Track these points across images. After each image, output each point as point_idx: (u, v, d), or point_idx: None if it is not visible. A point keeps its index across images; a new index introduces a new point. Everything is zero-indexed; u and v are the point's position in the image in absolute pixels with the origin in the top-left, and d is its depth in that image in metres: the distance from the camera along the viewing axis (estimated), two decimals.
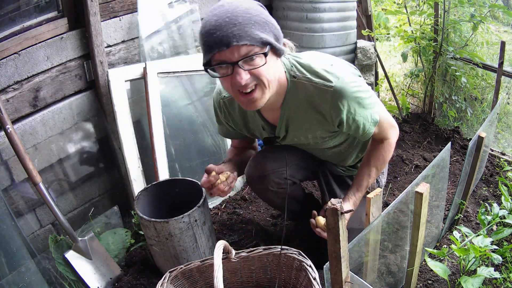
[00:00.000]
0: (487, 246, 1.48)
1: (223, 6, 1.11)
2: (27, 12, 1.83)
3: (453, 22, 2.80)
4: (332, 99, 1.26)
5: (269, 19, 1.14)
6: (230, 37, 1.06)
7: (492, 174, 2.43)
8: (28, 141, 1.85)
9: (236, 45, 1.07)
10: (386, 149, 1.47)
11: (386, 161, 1.49)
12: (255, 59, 1.12)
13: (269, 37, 1.12)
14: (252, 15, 1.09)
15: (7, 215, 1.63)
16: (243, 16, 1.07)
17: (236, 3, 1.11)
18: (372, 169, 1.46)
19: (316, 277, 1.30)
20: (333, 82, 1.24)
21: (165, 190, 1.80)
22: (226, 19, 1.07)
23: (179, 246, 1.61)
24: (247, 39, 1.07)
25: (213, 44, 1.08)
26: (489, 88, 3.02)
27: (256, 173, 1.58)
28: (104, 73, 2.04)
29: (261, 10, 1.14)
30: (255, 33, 1.08)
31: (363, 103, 1.30)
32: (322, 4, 2.58)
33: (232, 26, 1.06)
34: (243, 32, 1.07)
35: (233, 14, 1.07)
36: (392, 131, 1.47)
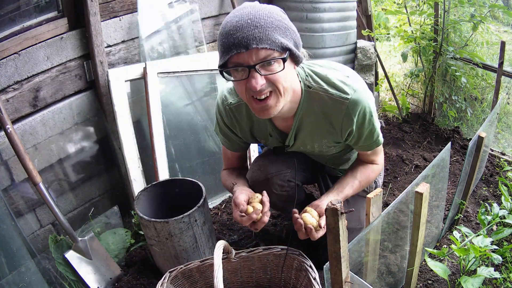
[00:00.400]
0: (487, 246, 1.48)
1: (245, 8, 1.10)
2: (27, 12, 1.83)
3: (453, 22, 2.80)
4: (347, 110, 1.27)
5: (290, 25, 1.13)
6: (251, 39, 1.04)
7: (492, 174, 2.43)
8: (28, 141, 1.85)
9: (256, 47, 1.05)
10: (375, 171, 1.50)
11: (370, 182, 1.50)
12: (273, 64, 1.10)
13: (289, 43, 1.10)
14: (274, 19, 1.08)
15: (7, 215, 1.63)
16: (265, 19, 1.06)
17: (259, 6, 1.10)
18: (356, 182, 1.45)
19: (316, 277, 1.30)
20: (349, 94, 1.26)
21: (165, 190, 1.81)
22: (248, 20, 1.05)
23: (179, 246, 1.61)
24: (268, 42, 1.05)
25: (232, 45, 1.06)
26: (489, 88, 3.01)
27: (259, 176, 1.57)
28: (104, 73, 2.04)
29: (283, 15, 1.13)
30: (275, 37, 1.06)
31: (373, 119, 1.33)
32: (322, 4, 2.58)
33: (253, 28, 1.04)
34: (264, 35, 1.05)
35: (255, 16, 1.05)
36: (381, 158, 1.52)
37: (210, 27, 2.59)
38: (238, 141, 1.57)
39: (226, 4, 2.64)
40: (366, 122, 1.31)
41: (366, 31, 2.99)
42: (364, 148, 1.43)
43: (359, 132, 1.34)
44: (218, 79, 2.42)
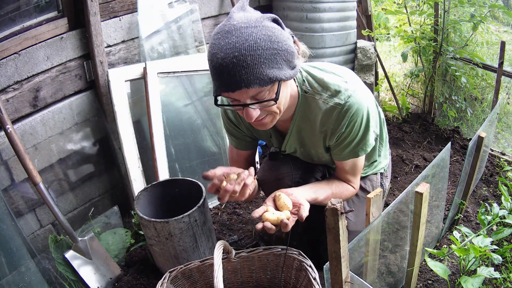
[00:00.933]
0: (487, 246, 1.48)
1: (230, 36, 1.03)
2: (27, 12, 1.83)
3: (453, 22, 2.80)
4: (338, 116, 1.25)
5: (279, 44, 1.05)
6: (238, 82, 1.02)
7: (492, 174, 2.43)
8: (28, 141, 1.85)
9: (245, 88, 1.04)
10: (349, 191, 1.45)
11: (341, 197, 1.43)
12: (265, 97, 1.09)
13: (281, 70, 1.07)
14: (262, 49, 1.02)
15: (7, 215, 1.63)
16: (252, 55, 1.01)
17: (245, 32, 1.02)
18: (330, 192, 1.40)
19: (316, 277, 1.30)
20: (343, 100, 1.24)
21: (165, 190, 1.81)
22: (234, 59, 1.01)
23: (179, 246, 1.61)
24: (256, 82, 1.03)
25: (221, 85, 1.05)
26: (489, 88, 3.02)
27: (270, 176, 1.56)
28: (104, 73, 2.04)
29: (270, 35, 1.04)
30: (264, 74, 1.03)
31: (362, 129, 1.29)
32: (322, 4, 2.58)
33: (240, 69, 1.01)
34: (252, 75, 1.02)
35: (241, 54, 1.00)
36: (357, 182, 1.47)
37: (210, 27, 2.59)
38: (245, 137, 1.54)
39: (226, 4, 2.64)
40: (355, 130, 1.28)
41: (366, 31, 2.99)
42: (340, 157, 1.37)
43: (345, 138, 1.31)
44: None
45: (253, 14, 1.09)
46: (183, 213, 1.56)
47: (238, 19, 1.06)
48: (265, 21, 1.07)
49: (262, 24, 1.05)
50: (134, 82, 2.15)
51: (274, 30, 1.06)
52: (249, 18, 1.06)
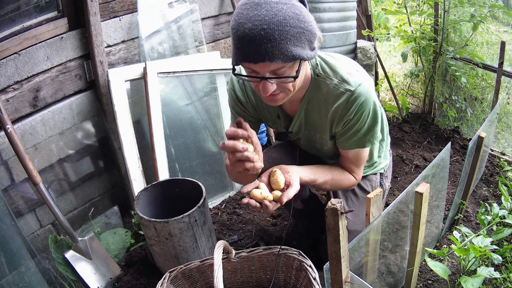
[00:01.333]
0: (487, 246, 1.48)
1: (260, 9, 1.03)
2: (27, 12, 1.83)
3: (453, 22, 2.80)
4: (347, 102, 1.26)
5: (305, 24, 1.07)
6: (263, 54, 1.03)
7: (492, 174, 2.43)
8: (28, 141, 1.85)
9: (268, 62, 1.05)
10: (349, 181, 1.45)
11: (340, 187, 1.46)
12: (285, 73, 1.10)
13: (303, 50, 1.08)
14: (290, 26, 1.03)
15: (7, 215, 1.62)
16: (280, 30, 1.02)
17: (275, 7, 1.03)
18: (329, 177, 1.40)
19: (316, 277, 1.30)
20: (353, 87, 1.25)
21: (165, 190, 1.81)
22: (262, 32, 1.01)
23: (179, 246, 1.61)
24: (280, 57, 1.04)
25: (244, 55, 1.06)
26: (489, 88, 3.02)
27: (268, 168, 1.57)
28: (104, 73, 2.04)
29: (298, 14, 1.06)
30: (289, 50, 1.04)
31: (368, 119, 1.29)
32: (322, 4, 2.58)
33: (266, 42, 1.02)
34: (277, 49, 1.03)
35: (269, 27, 1.01)
36: (360, 173, 1.46)
37: (210, 27, 2.60)
38: (248, 117, 1.53)
39: (226, 4, 2.64)
40: (362, 119, 1.28)
41: (366, 31, 2.99)
42: (346, 145, 1.37)
43: (351, 126, 1.31)
44: (218, 79, 2.42)
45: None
46: (183, 213, 1.56)
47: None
48: (295, 1, 1.08)
49: (292, 2, 1.06)
50: (134, 82, 2.15)
51: (302, 10, 1.07)
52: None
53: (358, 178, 1.47)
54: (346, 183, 1.45)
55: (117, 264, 1.86)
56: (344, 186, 1.46)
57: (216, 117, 2.44)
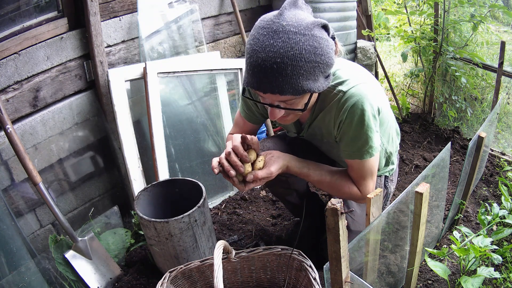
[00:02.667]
0: (487, 246, 1.48)
1: (277, 38, 1.00)
2: (27, 12, 1.83)
3: (453, 22, 2.80)
4: (339, 103, 1.24)
5: (322, 57, 1.04)
6: (273, 87, 1.03)
7: (492, 174, 2.43)
8: (28, 141, 1.85)
9: (278, 95, 1.05)
10: (351, 193, 1.37)
11: (337, 195, 1.40)
12: (293, 104, 1.11)
13: (315, 82, 1.06)
14: (305, 61, 1.01)
15: (7, 215, 1.62)
16: (293, 65, 1.00)
17: (292, 39, 1.00)
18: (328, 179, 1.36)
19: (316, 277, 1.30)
20: (345, 88, 1.22)
21: (165, 190, 1.81)
22: (274, 65, 1.00)
23: (179, 246, 1.61)
24: (290, 91, 1.04)
25: (255, 83, 1.06)
26: (489, 88, 3.02)
27: None
28: (104, 73, 2.04)
29: (316, 47, 1.02)
30: (299, 85, 1.04)
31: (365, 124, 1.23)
32: (322, 4, 2.58)
33: (278, 76, 1.01)
34: (287, 84, 1.03)
35: (283, 61, 0.99)
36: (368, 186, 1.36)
37: (210, 27, 2.60)
38: (257, 112, 1.53)
39: (226, 4, 2.64)
40: (354, 122, 1.23)
41: (366, 31, 2.99)
42: (346, 154, 1.33)
43: (344, 130, 1.27)
44: (218, 79, 2.42)
45: (305, 17, 1.05)
46: (183, 213, 1.56)
47: (288, 19, 1.02)
48: (315, 29, 1.03)
49: (312, 33, 1.02)
50: (134, 82, 2.15)
51: (321, 42, 1.04)
52: (300, 21, 1.02)
53: (362, 191, 1.36)
54: (346, 190, 1.37)
55: (117, 264, 1.86)
56: (343, 194, 1.39)
57: (216, 117, 2.44)
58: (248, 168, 1.20)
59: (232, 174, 1.19)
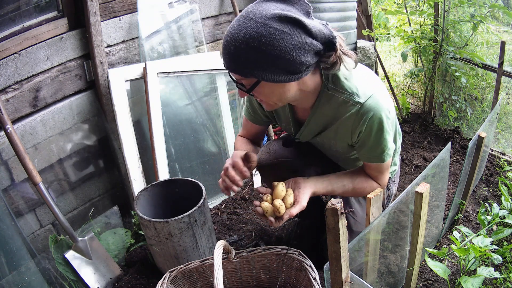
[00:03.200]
0: (487, 246, 1.48)
1: (237, 21, 1.10)
2: (27, 12, 1.83)
3: (453, 22, 2.80)
4: (357, 115, 1.25)
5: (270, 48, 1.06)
6: (229, 65, 1.14)
7: (492, 174, 2.43)
8: (28, 141, 1.85)
9: (231, 71, 1.15)
10: (372, 188, 1.40)
11: (363, 194, 1.42)
12: (245, 85, 1.17)
13: (264, 72, 1.10)
14: (247, 46, 1.06)
15: (7, 215, 1.63)
16: (236, 46, 1.07)
17: (244, 23, 1.07)
18: (350, 186, 1.39)
19: (316, 277, 1.30)
20: (363, 99, 1.23)
21: (165, 190, 1.81)
22: (225, 43, 1.11)
23: (179, 246, 1.61)
24: (236, 70, 1.13)
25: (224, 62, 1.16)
26: (489, 88, 3.02)
27: (267, 159, 1.57)
28: (104, 73, 2.04)
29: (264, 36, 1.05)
30: (242, 66, 1.10)
31: (383, 132, 1.27)
32: (322, 4, 2.58)
33: (226, 53, 1.11)
34: (233, 62, 1.11)
35: (230, 41, 1.08)
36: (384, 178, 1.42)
37: (210, 27, 2.59)
38: (262, 115, 1.55)
39: (226, 4, 2.64)
40: (374, 132, 1.26)
41: (366, 31, 2.99)
42: (365, 158, 1.37)
43: (364, 139, 1.30)
44: (218, 79, 2.42)
45: (276, 9, 1.08)
46: (183, 213, 1.56)
47: (258, 7, 1.09)
48: (275, 20, 1.05)
49: (266, 23, 1.05)
50: (134, 82, 2.15)
51: (274, 32, 1.05)
52: (264, 11, 1.07)
53: (382, 183, 1.42)
54: (368, 190, 1.38)
55: (117, 264, 1.86)
56: (366, 193, 1.39)
57: (216, 117, 2.44)
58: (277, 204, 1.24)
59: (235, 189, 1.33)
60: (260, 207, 1.25)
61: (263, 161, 1.59)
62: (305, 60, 1.10)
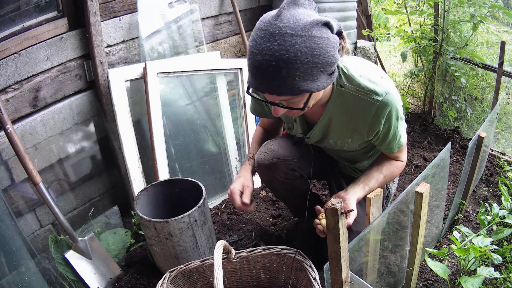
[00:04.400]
0: (487, 246, 1.48)
1: (273, 41, 1.00)
2: (27, 12, 1.83)
3: (453, 22, 2.80)
4: (377, 111, 1.27)
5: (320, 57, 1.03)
6: (270, 88, 1.06)
7: (492, 174, 2.43)
8: (28, 141, 1.85)
9: (275, 95, 1.09)
10: (399, 167, 1.50)
11: (393, 177, 1.51)
12: (293, 103, 1.14)
13: (314, 82, 1.07)
14: (301, 63, 1.01)
15: (7, 215, 1.63)
16: (288, 68, 1.01)
17: (288, 41, 1.00)
18: (382, 176, 1.46)
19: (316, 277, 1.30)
20: (381, 96, 1.26)
21: (165, 190, 1.81)
22: (270, 68, 1.01)
23: (179, 246, 1.61)
24: (287, 92, 1.06)
25: (254, 84, 1.09)
26: (489, 88, 3.02)
27: (265, 159, 1.58)
28: (104, 73, 2.04)
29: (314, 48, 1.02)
30: (296, 86, 1.05)
31: (399, 124, 1.35)
32: (322, 4, 2.58)
33: (274, 78, 1.03)
34: (284, 86, 1.05)
35: (278, 64, 1.00)
36: (405, 155, 1.52)
37: (210, 27, 2.59)
38: (268, 111, 1.57)
39: (226, 4, 2.64)
40: (393, 125, 1.32)
41: (366, 31, 2.99)
42: (386, 150, 1.44)
43: (384, 134, 1.35)
44: (218, 79, 2.42)
45: (304, 16, 1.04)
46: (183, 213, 1.56)
47: (286, 20, 1.02)
48: (314, 29, 1.03)
49: (309, 34, 1.02)
50: (134, 82, 2.15)
51: (319, 42, 1.03)
52: (297, 22, 1.02)
53: (404, 160, 1.51)
54: (396, 171, 1.49)
55: (117, 264, 1.86)
56: (396, 175, 1.52)
57: (216, 117, 2.44)
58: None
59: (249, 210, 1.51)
60: (320, 225, 1.31)
61: (262, 161, 1.59)
62: (337, 57, 1.11)
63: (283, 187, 1.63)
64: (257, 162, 1.60)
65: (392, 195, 1.76)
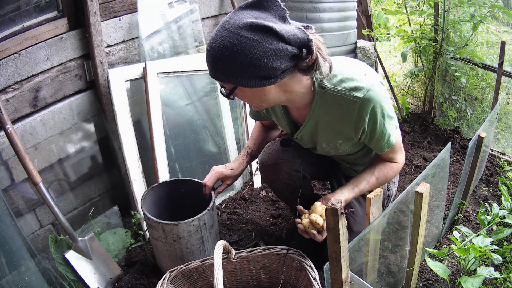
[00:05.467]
0: (487, 246, 1.48)
1: (216, 30, 1.15)
2: (27, 12, 1.83)
3: (453, 22, 2.80)
4: (359, 109, 1.26)
5: (241, 57, 1.10)
6: (210, 72, 1.21)
7: (492, 174, 2.43)
8: (28, 141, 1.85)
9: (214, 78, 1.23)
10: (393, 169, 1.47)
11: (387, 180, 1.48)
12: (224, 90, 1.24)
13: (237, 78, 1.15)
14: (221, 55, 1.11)
15: (7, 215, 1.62)
16: (213, 55, 1.14)
17: (219, 33, 1.13)
18: (373, 178, 1.43)
19: (316, 277, 1.30)
20: (362, 93, 1.24)
21: (170, 190, 1.80)
22: (210, 57, 1.16)
23: (186, 248, 1.61)
24: (214, 76, 1.20)
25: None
26: (489, 88, 3.02)
27: (269, 160, 1.58)
28: (104, 73, 2.04)
29: (236, 45, 1.09)
30: (219, 73, 1.17)
31: (385, 121, 1.30)
32: (322, 4, 2.58)
33: (211, 66, 1.18)
34: (211, 69, 1.19)
35: (209, 50, 1.15)
36: (400, 156, 1.48)
37: (210, 27, 2.59)
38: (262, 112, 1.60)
39: (226, 4, 2.64)
40: (378, 123, 1.28)
41: (366, 31, 2.99)
42: (376, 149, 1.41)
43: (370, 132, 1.32)
44: None
45: (247, 17, 1.11)
46: (187, 214, 1.56)
47: (233, 16, 1.14)
48: (246, 28, 1.09)
49: (237, 32, 1.10)
50: (134, 82, 2.15)
51: (245, 41, 1.09)
52: (237, 20, 1.11)
53: (400, 161, 1.48)
54: (391, 173, 1.46)
55: (117, 264, 1.86)
56: (391, 177, 1.48)
57: (216, 117, 2.44)
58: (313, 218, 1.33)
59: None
60: (301, 224, 1.34)
61: (265, 162, 1.59)
62: (278, 66, 1.12)
63: (285, 187, 1.64)
64: (261, 163, 1.61)
65: (393, 196, 1.76)
